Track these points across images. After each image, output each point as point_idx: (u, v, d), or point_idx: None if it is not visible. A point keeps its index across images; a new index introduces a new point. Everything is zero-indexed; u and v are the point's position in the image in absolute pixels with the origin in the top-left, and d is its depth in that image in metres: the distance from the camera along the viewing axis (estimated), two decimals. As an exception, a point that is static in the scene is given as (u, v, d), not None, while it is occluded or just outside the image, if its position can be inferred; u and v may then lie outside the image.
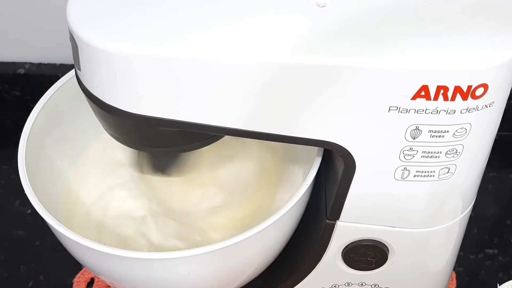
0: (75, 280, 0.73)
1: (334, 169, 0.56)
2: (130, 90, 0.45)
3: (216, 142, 0.53)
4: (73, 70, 0.59)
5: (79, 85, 0.49)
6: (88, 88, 0.47)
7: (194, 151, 0.58)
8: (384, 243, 0.59)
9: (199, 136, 0.51)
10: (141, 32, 0.44)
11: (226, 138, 0.53)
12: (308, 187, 0.55)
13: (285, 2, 0.47)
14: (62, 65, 0.86)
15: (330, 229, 0.58)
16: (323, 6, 0.46)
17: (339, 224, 0.57)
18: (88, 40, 0.44)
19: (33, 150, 0.59)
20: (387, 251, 0.59)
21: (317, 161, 0.56)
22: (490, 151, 0.53)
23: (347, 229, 0.57)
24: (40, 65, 0.87)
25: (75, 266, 0.72)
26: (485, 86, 0.44)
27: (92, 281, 0.73)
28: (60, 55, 0.86)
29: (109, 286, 0.72)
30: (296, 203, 0.54)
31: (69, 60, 0.62)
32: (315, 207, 0.61)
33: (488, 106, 0.46)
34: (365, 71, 0.44)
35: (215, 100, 0.46)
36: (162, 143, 0.52)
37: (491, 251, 0.76)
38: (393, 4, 0.46)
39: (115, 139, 0.53)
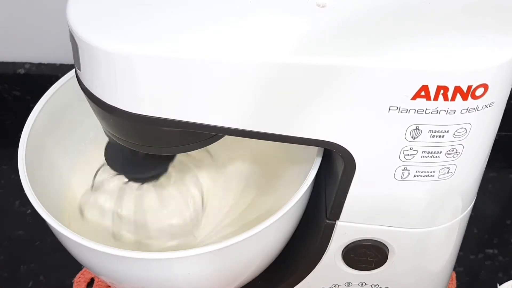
0: (75, 280, 0.73)
1: (334, 169, 0.56)
2: (130, 90, 0.45)
3: (216, 142, 0.53)
4: (73, 70, 0.59)
5: (79, 85, 0.49)
6: (88, 88, 0.47)
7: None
8: (384, 243, 0.59)
9: (199, 136, 0.51)
10: (141, 32, 0.44)
11: (226, 137, 0.53)
12: (308, 187, 0.55)
13: (285, 2, 0.47)
14: (62, 65, 0.86)
15: (330, 229, 0.58)
16: (323, 6, 0.46)
17: (339, 224, 0.57)
18: (88, 40, 0.44)
19: (33, 150, 0.59)
20: (387, 251, 0.59)
21: (317, 161, 0.56)
22: (490, 151, 0.53)
23: (347, 229, 0.58)
24: (40, 65, 0.87)
25: (75, 266, 0.72)
26: (485, 86, 0.44)
27: (92, 281, 0.73)
28: (60, 55, 0.86)
29: (109, 286, 0.72)
30: (296, 203, 0.54)
31: (69, 60, 0.62)
32: (315, 207, 0.61)
33: (488, 106, 0.46)
34: (365, 71, 0.44)
35: (215, 100, 0.46)
36: (162, 143, 0.52)
37: (491, 251, 0.76)
38: (393, 4, 0.46)
39: (115, 139, 0.53)
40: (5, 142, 0.87)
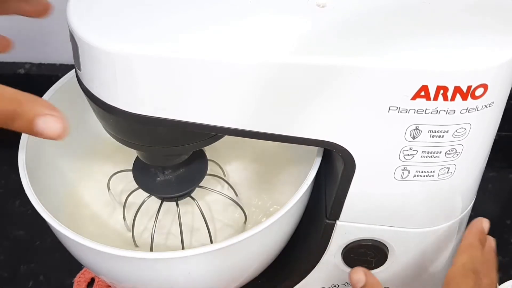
0: (76, 280, 0.73)
1: (334, 169, 0.56)
2: (130, 90, 0.45)
3: (216, 143, 0.53)
4: (73, 70, 0.59)
5: (79, 85, 0.49)
6: (89, 88, 0.47)
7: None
8: (384, 243, 0.59)
9: (199, 136, 0.51)
10: (141, 32, 0.44)
11: (226, 137, 0.53)
12: (308, 187, 0.55)
13: (285, 2, 0.47)
14: (62, 65, 0.86)
15: (330, 229, 0.58)
16: (323, 6, 0.46)
17: (339, 224, 0.57)
18: (88, 40, 0.44)
19: (33, 150, 0.59)
20: (386, 251, 0.59)
21: (317, 161, 0.56)
22: (489, 151, 0.53)
23: (347, 229, 0.58)
24: (40, 65, 0.87)
25: (75, 266, 0.73)
26: (484, 86, 0.45)
27: (92, 281, 0.73)
28: (60, 55, 0.86)
29: (109, 286, 0.72)
30: (296, 203, 0.54)
31: (69, 60, 0.62)
32: (315, 207, 0.61)
33: (487, 106, 0.46)
34: (365, 71, 0.44)
35: (215, 100, 0.46)
36: (162, 143, 0.52)
37: (491, 250, 0.76)
38: (393, 4, 0.47)
39: (115, 139, 0.53)
40: (5, 142, 0.87)
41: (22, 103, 0.40)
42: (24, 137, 0.59)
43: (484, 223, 0.57)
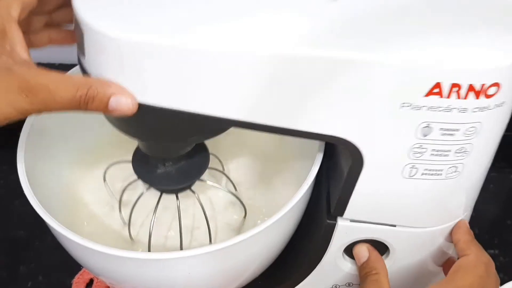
0: (74, 280, 0.73)
1: (339, 167, 0.55)
2: (135, 79, 0.45)
3: (217, 140, 0.53)
4: (73, 69, 0.59)
5: (82, 74, 0.48)
6: (93, 76, 0.46)
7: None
8: (385, 242, 0.59)
9: (204, 128, 0.51)
10: (149, 20, 0.43)
11: (227, 137, 0.52)
12: (309, 187, 0.55)
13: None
14: (62, 65, 0.86)
15: (331, 229, 0.58)
16: (335, 0, 0.46)
17: (339, 224, 0.57)
18: (95, 27, 0.43)
19: (32, 149, 0.59)
20: (387, 250, 0.59)
21: (318, 160, 0.56)
22: (495, 151, 0.53)
23: (348, 228, 0.58)
24: (38, 64, 0.86)
25: (75, 266, 0.73)
26: (497, 85, 0.44)
27: (91, 282, 0.73)
28: (60, 55, 0.85)
29: (108, 287, 0.72)
30: (296, 203, 0.54)
31: (68, 59, 0.62)
32: (316, 207, 0.61)
33: (499, 105, 0.46)
34: (379, 66, 0.43)
35: (222, 92, 0.45)
36: (167, 134, 0.51)
37: (492, 251, 0.77)
38: (408, 0, 0.46)
39: (119, 130, 0.51)
40: (5, 142, 0.87)
41: (92, 87, 0.43)
42: (23, 137, 0.59)
43: (466, 224, 0.59)
